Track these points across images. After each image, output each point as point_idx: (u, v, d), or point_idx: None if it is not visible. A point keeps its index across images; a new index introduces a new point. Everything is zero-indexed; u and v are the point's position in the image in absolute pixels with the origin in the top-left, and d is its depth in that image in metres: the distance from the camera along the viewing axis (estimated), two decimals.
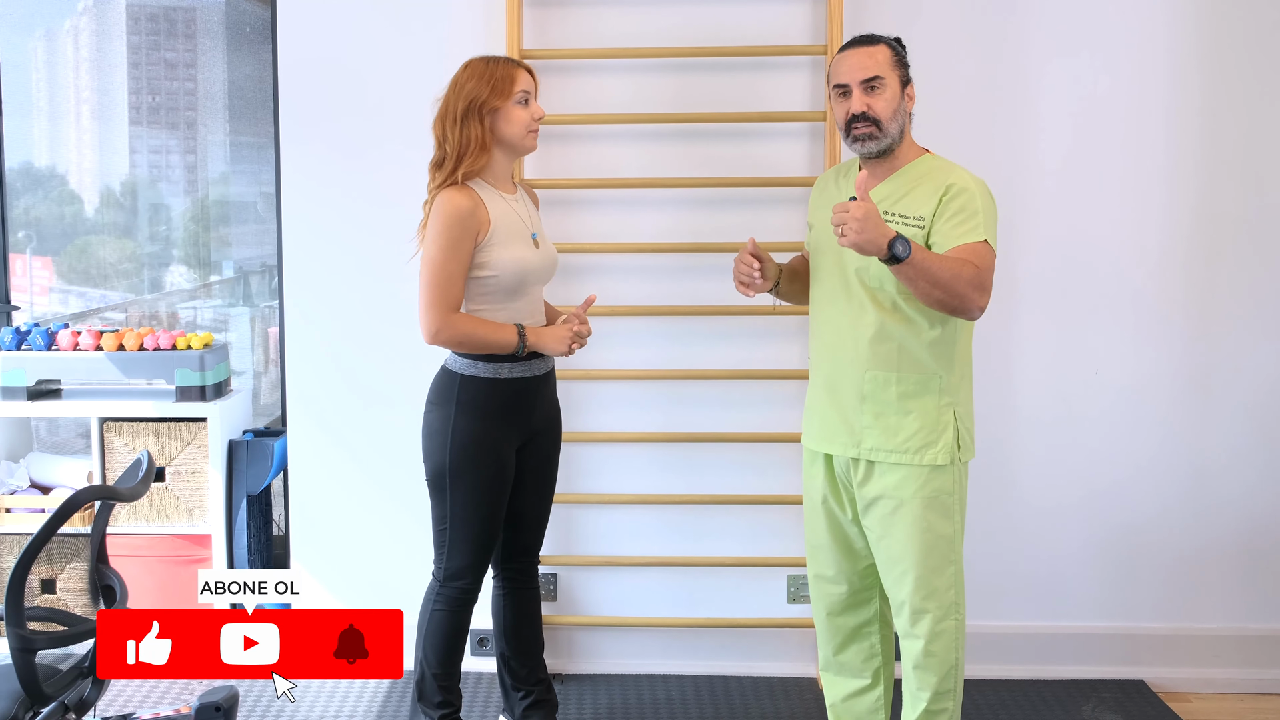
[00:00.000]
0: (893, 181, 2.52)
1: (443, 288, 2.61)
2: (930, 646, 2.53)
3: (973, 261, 2.39)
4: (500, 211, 2.68)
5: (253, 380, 4.27)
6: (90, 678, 2.30)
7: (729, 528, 3.43)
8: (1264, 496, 3.40)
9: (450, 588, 2.78)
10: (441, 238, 2.60)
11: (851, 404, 2.54)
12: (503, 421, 2.72)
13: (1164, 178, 3.32)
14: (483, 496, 2.72)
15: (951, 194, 2.44)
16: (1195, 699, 3.36)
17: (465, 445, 2.70)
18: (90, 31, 4.31)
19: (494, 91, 2.62)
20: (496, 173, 2.72)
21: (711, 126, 3.33)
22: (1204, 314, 3.36)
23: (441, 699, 2.83)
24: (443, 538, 2.77)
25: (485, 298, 2.69)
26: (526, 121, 2.67)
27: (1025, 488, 3.41)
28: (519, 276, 2.68)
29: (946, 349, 2.53)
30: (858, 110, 2.45)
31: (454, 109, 2.64)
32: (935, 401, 2.51)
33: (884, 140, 2.47)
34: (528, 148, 2.72)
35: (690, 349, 3.39)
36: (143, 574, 3.54)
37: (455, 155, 2.64)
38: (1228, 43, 3.28)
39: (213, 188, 4.28)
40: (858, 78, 2.46)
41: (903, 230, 2.45)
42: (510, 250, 2.67)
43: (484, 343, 2.66)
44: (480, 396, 2.70)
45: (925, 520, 2.50)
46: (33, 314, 4.29)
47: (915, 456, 2.50)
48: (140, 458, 2.41)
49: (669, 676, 3.45)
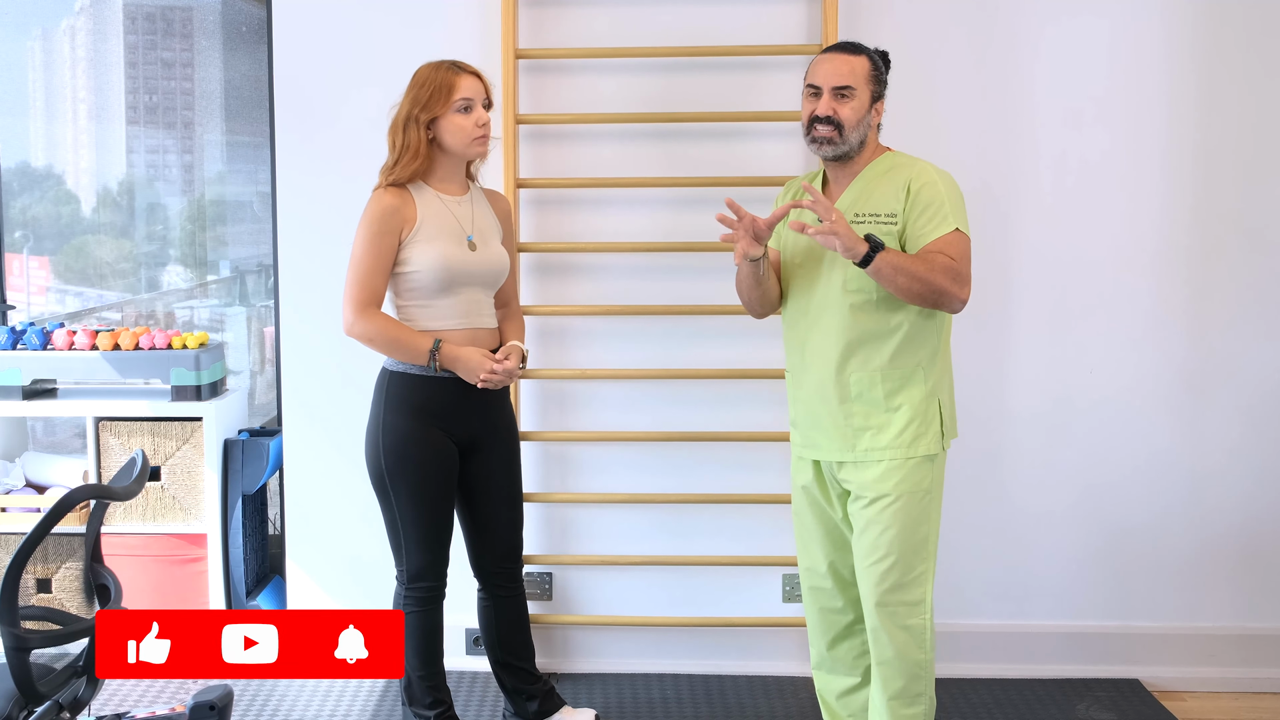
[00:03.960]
0: (857, 184, 2.57)
1: (360, 282, 2.67)
2: (898, 643, 2.54)
3: (945, 252, 2.44)
4: (432, 211, 2.70)
5: (249, 380, 4.27)
6: (85, 677, 2.30)
7: (724, 527, 3.44)
8: (1259, 496, 3.41)
9: (415, 589, 2.78)
10: (363, 233, 2.67)
11: (840, 407, 2.56)
12: (434, 418, 2.72)
13: (1160, 178, 3.32)
14: (425, 494, 2.72)
15: (915, 189, 2.49)
16: (1190, 698, 3.36)
17: (395, 445, 2.71)
18: (87, 31, 4.31)
19: (431, 99, 2.65)
20: (441, 176, 2.75)
21: (706, 126, 3.33)
22: (1199, 313, 3.36)
23: (432, 699, 2.84)
24: (396, 540, 2.78)
25: (411, 294, 2.72)
26: (468, 129, 2.67)
27: (1020, 487, 3.41)
28: (443, 273, 2.68)
29: (930, 339, 2.56)
30: (822, 113, 2.51)
31: (400, 116, 2.70)
32: (921, 391, 2.55)
33: (841, 147, 2.52)
34: (473, 154, 2.74)
35: (685, 348, 3.39)
36: (138, 573, 3.54)
37: (394, 160, 2.70)
38: (1224, 42, 3.28)
39: (209, 187, 4.28)
40: (831, 83, 2.51)
41: (875, 229, 2.48)
42: (433, 248, 2.68)
43: (397, 345, 2.68)
44: (407, 393, 2.71)
45: (906, 517, 2.53)
46: (30, 313, 4.29)
47: (908, 450, 2.52)
48: (134, 457, 2.41)
49: (664, 676, 3.45)
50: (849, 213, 2.53)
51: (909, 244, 2.50)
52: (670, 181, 3.32)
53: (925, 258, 2.43)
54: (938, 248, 2.45)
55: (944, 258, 2.44)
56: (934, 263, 2.42)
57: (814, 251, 2.58)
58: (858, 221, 2.51)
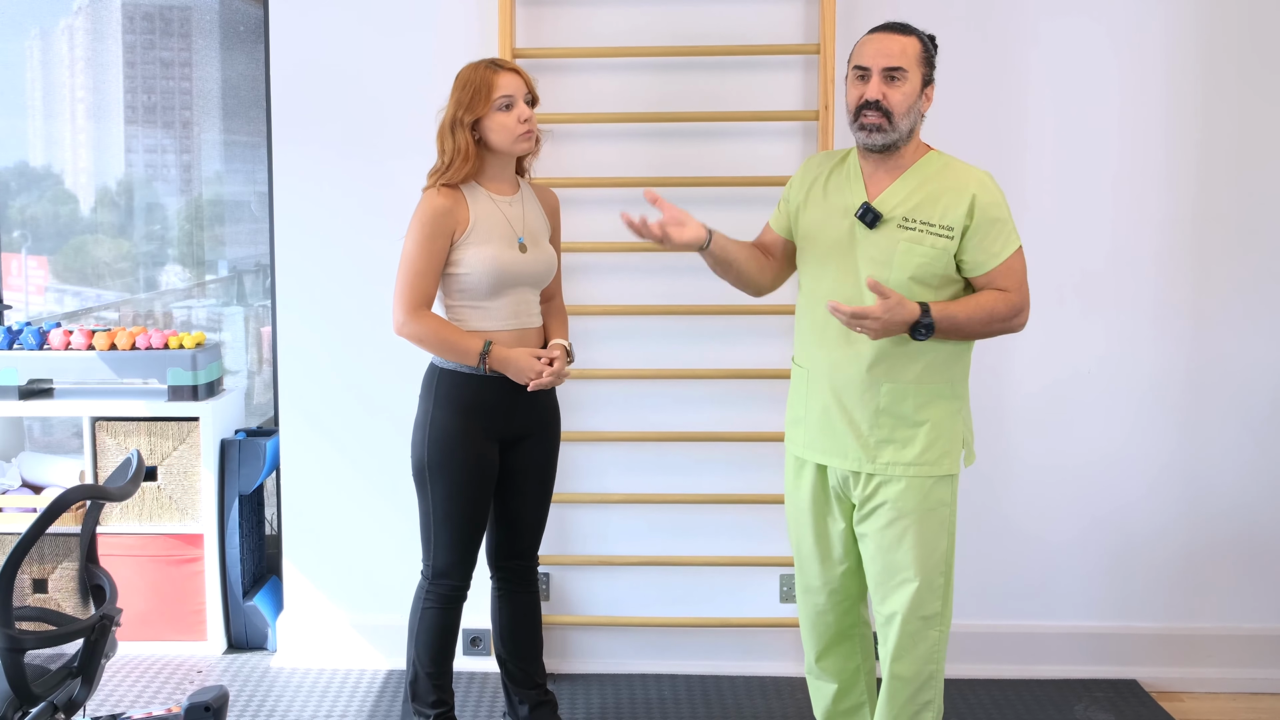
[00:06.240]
0: (905, 183, 2.44)
1: (413, 282, 2.66)
2: (916, 658, 2.50)
3: (1005, 287, 2.40)
4: (484, 212, 2.70)
5: (246, 379, 4.27)
6: (80, 677, 2.29)
7: (722, 527, 3.43)
8: (1258, 496, 3.40)
9: (439, 585, 2.78)
10: (415, 234, 2.66)
11: (865, 417, 2.46)
12: (481, 418, 2.72)
13: (1161, 178, 3.32)
14: (462, 493, 2.72)
15: (983, 204, 2.39)
16: (1188, 698, 3.36)
17: (440, 440, 2.71)
18: (85, 31, 4.30)
19: (473, 100, 2.64)
20: (491, 175, 2.75)
21: (704, 126, 3.33)
22: (1200, 313, 3.36)
23: (435, 698, 2.83)
24: (428, 534, 2.78)
25: (462, 294, 2.71)
26: (511, 126, 2.66)
27: (1018, 487, 3.41)
28: (495, 276, 2.68)
29: (961, 355, 2.50)
30: (872, 97, 2.36)
31: (446, 120, 2.69)
32: (947, 409, 2.47)
33: (891, 135, 2.39)
34: (520, 150, 2.72)
35: (685, 349, 3.39)
36: (135, 574, 3.54)
37: (445, 164, 2.69)
38: (1224, 42, 3.28)
39: (207, 187, 4.27)
40: (881, 64, 2.37)
41: (931, 238, 2.38)
42: (486, 249, 2.67)
43: (447, 346, 2.68)
44: (457, 391, 2.71)
45: (926, 533, 2.46)
46: (28, 313, 4.29)
47: (931, 469, 2.45)
48: (130, 457, 2.41)
49: (661, 676, 3.45)
50: (896, 215, 2.41)
51: (971, 265, 2.40)
52: (669, 181, 3.31)
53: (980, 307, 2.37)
54: (1001, 273, 2.39)
55: (994, 295, 2.39)
56: (992, 311, 2.37)
57: (842, 241, 2.46)
58: (907, 227, 2.39)
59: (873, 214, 2.41)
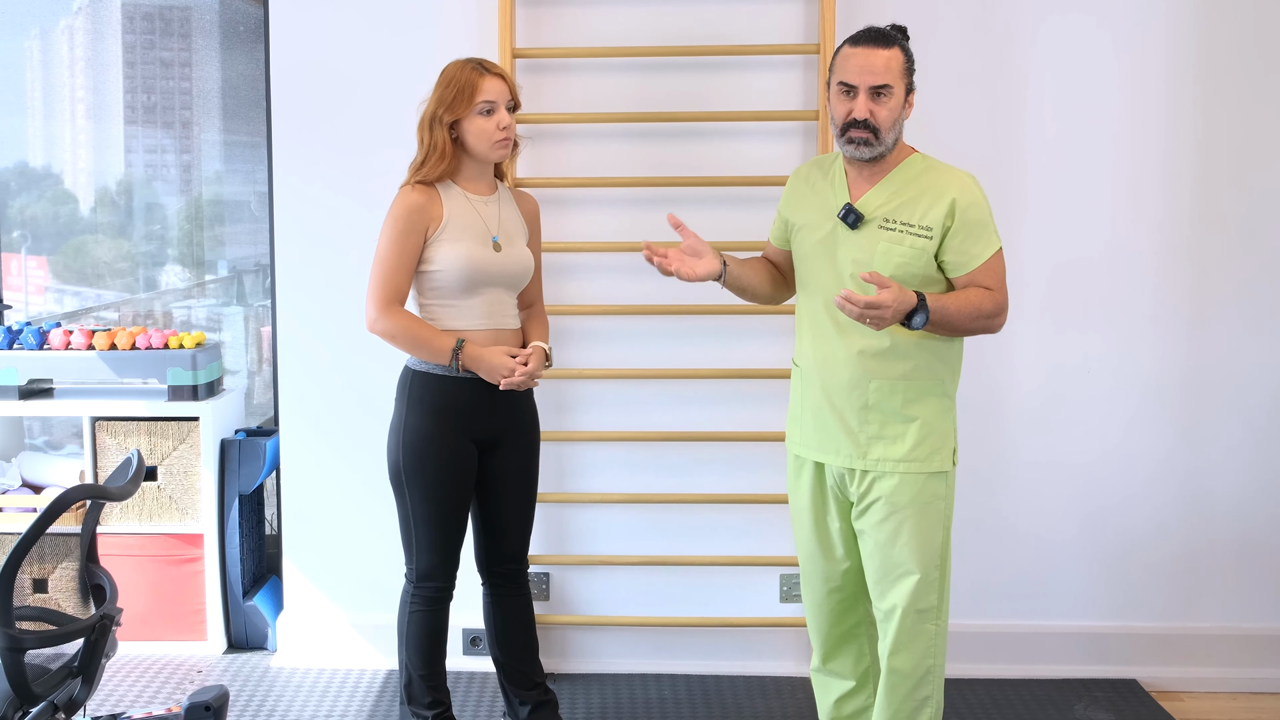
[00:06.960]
0: (887, 185, 2.48)
1: (385, 278, 2.66)
2: (914, 652, 2.51)
3: (988, 286, 2.44)
4: (459, 210, 2.70)
5: (246, 379, 4.27)
6: (80, 677, 2.29)
7: (721, 527, 3.43)
8: (1257, 496, 3.41)
9: (424, 588, 2.79)
10: (389, 230, 2.67)
11: (854, 414, 2.49)
12: (456, 419, 2.72)
13: (1160, 177, 3.32)
14: (440, 495, 2.72)
15: (963, 207, 2.42)
16: (1188, 698, 3.36)
17: (415, 443, 2.71)
18: (85, 31, 4.30)
19: (455, 101, 2.64)
20: (468, 175, 2.75)
21: (703, 125, 3.33)
22: (1199, 312, 3.36)
23: (431, 699, 2.83)
24: (408, 538, 2.78)
25: (435, 292, 2.71)
26: (490, 132, 2.66)
27: (1017, 486, 3.41)
28: (467, 274, 2.68)
29: (952, 352, 2.53)
30: (860, 116, 2.39)
31: (425, 114, 2.69)
32: (937, 406, 2.50)
33: (878, 149, 2.43)
34: (496, 157, 2.72)
35: (684, 348, 3.39)
36: (135, 574, 3.54)
37: (421, 159, 2.70)
38: (1223, 42, 3.28)
39: (207, 187, 4.27)
40: (868, 82, 2.38)
41: (910, 238, 2.42)
42: (459, 247, 2.67)
43: (419, 343, 2.67)
44: (430, 394, 2.71)
45: (922, 527, 2.48)
46: (28, 313, 4.29)
47: (922, 465, 2.48)
48: (130, 457, 2.41)
49: (661, 676, 3.45)
50: (878, 217, 2.45)
51: (952, 265, 2.44)
52: (668, 181, 3.32)
53: (969, 302, 2.40)
54: (982, 273, 2.43)
55: (980, 293, 2.42)
56: (979, 307, 2.41)
57: (826, 242, 2.51)
58: (888, 228, 2.43)
59: (854, 215, 2.46)
